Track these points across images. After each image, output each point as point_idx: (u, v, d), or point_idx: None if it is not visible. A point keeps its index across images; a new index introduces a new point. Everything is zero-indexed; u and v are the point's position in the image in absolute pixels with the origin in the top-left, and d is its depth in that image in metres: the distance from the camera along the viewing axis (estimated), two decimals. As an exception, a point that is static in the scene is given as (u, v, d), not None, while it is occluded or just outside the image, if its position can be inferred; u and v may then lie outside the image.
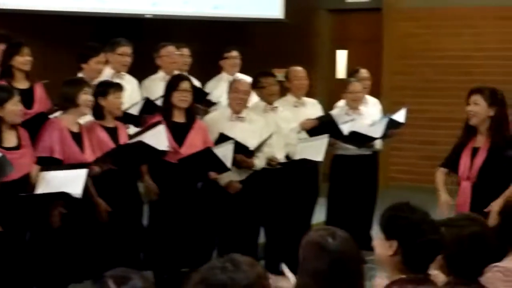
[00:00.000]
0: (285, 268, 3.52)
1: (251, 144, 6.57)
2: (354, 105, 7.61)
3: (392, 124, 7.71)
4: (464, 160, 5.69)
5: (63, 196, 5.33)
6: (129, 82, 7.24)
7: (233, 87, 6.78)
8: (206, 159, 6.19)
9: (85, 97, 5.83)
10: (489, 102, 5.62)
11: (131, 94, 7.03)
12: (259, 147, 6.62)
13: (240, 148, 6.43)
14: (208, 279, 2.45)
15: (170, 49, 7.66)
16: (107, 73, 7.07)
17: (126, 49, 7.22)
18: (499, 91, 5.75)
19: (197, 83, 7.59)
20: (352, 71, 8.30)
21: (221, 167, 6.27)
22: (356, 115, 7.60)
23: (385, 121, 7.53)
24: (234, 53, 8.17)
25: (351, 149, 7.57)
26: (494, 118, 5.62)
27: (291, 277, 3.37)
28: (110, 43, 7.25)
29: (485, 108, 5.63)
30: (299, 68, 7.59)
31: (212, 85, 7.94)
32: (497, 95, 5.69)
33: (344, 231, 3.06)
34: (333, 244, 2.96)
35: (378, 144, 7.80)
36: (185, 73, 7.67)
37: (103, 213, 5.90)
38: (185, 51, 7.98)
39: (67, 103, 5.81)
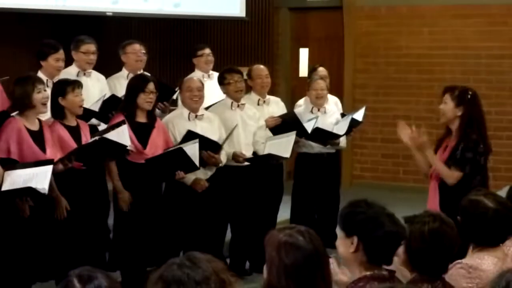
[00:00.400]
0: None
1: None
2: (318, 102, 7.64)
3: (352, 123, 7.77)
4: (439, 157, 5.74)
5: (30, 192, 5.25)
6: (97, 79, 7.22)
7: (186, 86, 6.72)
8: (176, 158, 6.16)
9: (40, 96, 5.71)
10: (456, 102, 5.64)
11: (102, 90, 6.95)
12: (225, 141, 6.60)
13: (207, 144, 6.40)
14: (165, 275, 2.46)
15: (136, 46, 7.58)
16: (72, 71, 7.01)
17: (90, 47, 7.16)
18: (471, 90, 5.75)
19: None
20: (311, 69, 8.31)
21: (191, 166, 6.24)
22: (321, 113, 7.63)
23: (348, 119, 7.58)
24: (207, 50, 8.13)
25: (315, 148, 7.61)
26: (462, 117, 5.62)
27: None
28: (74, 41, 7.20)
29: (452, 107, 5.65)
30: (261, 67, 7.60)
31: None
32: (466, 94, 5.67)
33: (307, 227, 3.08)
34: (304, 241, 2.98)
35: (342, 142, 7.83)
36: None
37: (62, 210, 5.83)
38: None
39: (22, 105, 5.69)
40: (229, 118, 6.97)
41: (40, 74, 6.50)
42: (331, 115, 7.70)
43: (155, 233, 6.29)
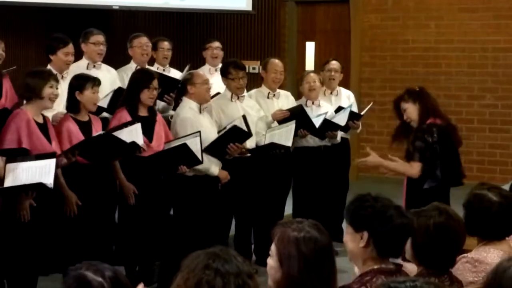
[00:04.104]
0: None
1: (214, 137, 6.57)
2: (311, 95, 7.63)
3: (352, 116, 7.78)
4: None
5: (37, 187, 5.25)
6: (108, 72, 7.22)
7: (203, 79, 6.65)
8: (180, 153, 6.17)
9: (50, 90, 5.70)
10: (412, 100, 5.83)
11: (113, 83, 6.97)
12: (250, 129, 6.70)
13: (237, 135, 6.52)
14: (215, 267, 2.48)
15: (142, 40, 7.58)
16: (82, 64, 7.03)
17: (99, 37, 7.16)
18: (417, 87, 5.98)
19: (178, 74, 7.56)
20: (324, 62, 8.30)
21: (194, 161, 6.26)
22: (315, 106, 7.63)
23: (347, 110, 7.59)
24: (215, 44, 8.10)
25: (311, 141, 7.58)
26: (419, 110, 5.79)
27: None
28: (83, 34, 7.21)
29: (413, 107, 5.81)
30: (278, 61, 7.57)
31: None
32: (413, 90, 5.91)
33: (313, 221, 3.11)
34: (317, 234, 3.01)
35: (338, 137, 7.82)
36: (167, 67, 7.76)
37: (72, 206, 5.85)
38: (166, 44, 7.90)
39: (31, 93, 5.68)
40: (231, 110, 6.96)
41: (49, 68, 6.49)
42: (325, 109, 7.65)
43: (160, 227, 6.28)
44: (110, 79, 7.09)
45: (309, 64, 11.73)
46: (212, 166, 6.49)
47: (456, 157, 5.92)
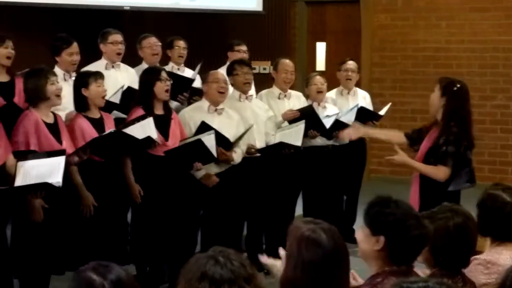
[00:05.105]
0: (281, 251, 3.54)
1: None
2: (319, 97, 7.60)
3: (370, 115, 7.75)
4: (421, 146, 5.74)
5: (44, 187, 5.24)
6: (126, 71, 7.23)
7: (213, 77, 6.67)
8: (195, 150, 6.15)
9: (53, 87, 5.68)
10: (441, 92, 5.63)
11: (132, 83, 6.93)
12: (238, 139, 6.57)
13: (219, 140, 6.38)
14: (210, 275, 2.44)
15: (151, 40, 7.60)
16: (100, 64, 7.03)
17: (117, 37, 7.17)
18: (460, 83, 5.69)
19: (191, 72, 7.55)
20: (340, 62, 8.28)
21: (209, 157, 6.23)
22: (320, 107, 7.60)
23: (355, 109, 7.56)
24: (244, 47, 8.16)
25: (319, 140, 7.53)
26: (444, 108, 5.61)
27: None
28: (100, 34, 7.22)
29: (437, 97, 5.65)
30: (288, 61, 7.56)
31: None
32: (452, 86, 5.64)
33: (331, 225, 3.07)
34: (326, 239, 2.97)
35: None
36: (181, 66, 7.76)
37: (89, 208, 5.83)
38: (181, 43, 7.89)
39: (36, 97, 5.66)
40: (240, 110, 6.93)
41: (56, 69, 6.47)
42: (330, 111, 7.62)
43: (172, 227, 6.27)
44: (129, 79, 7.08)
45: (320, 64, 11.75)
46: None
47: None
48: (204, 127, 6.38)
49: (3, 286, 5.54)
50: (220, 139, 6.37)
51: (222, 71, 7.17)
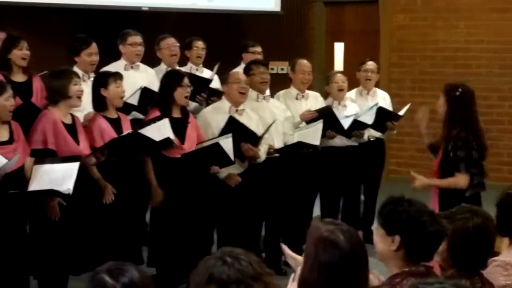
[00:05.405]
0: (285, 248, 3.55)
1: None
2: (340, 95, 7.58)
3: (389, 116, 7.73)
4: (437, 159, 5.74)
5: (55, 193, 5.28)
6: (146, 72, 7.24)
7: (234, 78, 6.68)
8: (212, 153, 6.16)
9: (76, 88, 5.75)
10: (445, 98, 5.62)
11: (151, 83, 6.95)
12: (264, 133, 6.57)
13: (247, 136, 6.39)
14: (217, 276, 2.44)
15: (170, 41, 7.61)
16: (120, 65, 7.05)
17: (136, 38, 7.19)
18: (462, 87, 5.65)
19: (209, 73, 7.56)
20: (360, 63, 8.26)
21: (226, 161, 6.24)
22: (341, 106, 7.58)
23: (374, 109, 7.54)
24: (259, 48, 8.17)
25: (337, 141, 7.51)
26: (446, 114, 5.60)
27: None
28: (120, 35, 7.25)
29: (443, 101, 5.63)
30: (306, 62, 7.53)
31: None
32: (454, 91, 5.61)
33: (351, 227, 3.06)
34: (344, 240, 2.95)
35: (365, 136, 7.76)
36: (200, 66, 7.77)
37: (109, 195, 5.84)
38: (200, 43, 7.90)
39: (58, 96, 5.73)
40: (258, 110, 6.93)
41: (76, 69, 6.49)
42: (350, 110, 7.61)
43: (191, 228, 6.27)
44: (148, 79, 7.10)
45: (338, 65, 11.72)
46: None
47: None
48: (232, 123, 6.38)
49: (21, 285, 5.57)
50: (247, 134, 6.38)
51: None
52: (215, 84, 7.36)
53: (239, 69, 7.55)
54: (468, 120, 5.61)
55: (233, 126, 6.34)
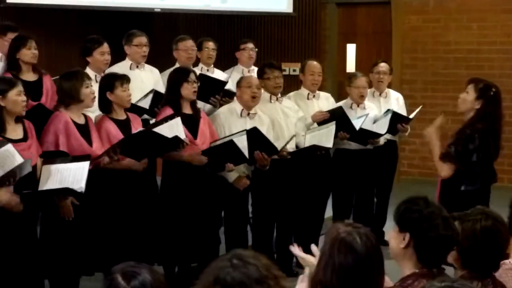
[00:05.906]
0: (294, 249, 3.56)
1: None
2: (360, 100, 7.58)
3: (400, 119, 7.71)
4: None
5: (67, 192, 5.27)
6: (151, 72, 7.25)
7: (246, 82, 6.71)
8: (227, 151, 6.17)
9: (88, 90, 5.71)
10: (477, 94, 5.59)
11: (156, 83, 6.97)
12: (283, 147, 6.60)
13: (263, 145, 6.42)
14: (222, 278, 2.43)
15: (188, 43, 7.56)
16: (125, 65, 7.07)
17: (142, 39, 7.19)
18: (495, 88, 5.67)
19: (221, 74, 7.57)
20: (373, 64, 8.25)
21: (241, 158, 6.25)
22: (360, 108, 7.57)
23: (388, 116, 7.51)
24: (250, 45, 8.12)
25: (353, 144, 7.51)
26: (477, 111, 5.58)
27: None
28: (125, 35, 7.25)
29: (472, 98, 5.61)
30: (315, 63, 7.51)
31: (234, 76, 7.63)
32: (489, 90, 5.61)
33: (369, 230, 3.06)
34: (360, 244, 2.96)
35: (381, 140, 7.75)
36: (211, 67, 7.74)
37: (142, 166, 5.94)
38: (211, 44, 7.89)
39: (69, 99, 5.70)
40: (271, 111, 6.96)
41: (88, 70, 6.49)
42: (369, 111, 7.59)
43: (200, 228, 6.28)
44: (153, 79, 7.11)
45: (350, 66, 11.72)
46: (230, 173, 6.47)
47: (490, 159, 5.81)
48: (254, 132, 6.38)
49: (35, 286, 5.58)
50: (266, 145, 6.41)
51: (235, 74, 7.19)
52: (229, 86, 7.36)
53: (237, 70, 7.58)
54: (496, 120, 5.64)
55: (255, 136, 6.36)
